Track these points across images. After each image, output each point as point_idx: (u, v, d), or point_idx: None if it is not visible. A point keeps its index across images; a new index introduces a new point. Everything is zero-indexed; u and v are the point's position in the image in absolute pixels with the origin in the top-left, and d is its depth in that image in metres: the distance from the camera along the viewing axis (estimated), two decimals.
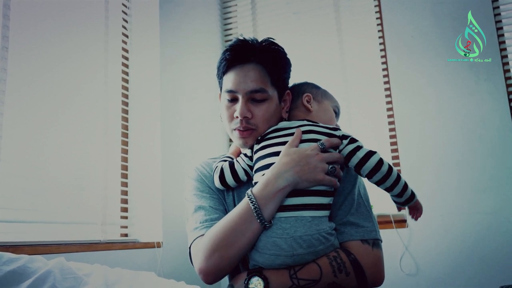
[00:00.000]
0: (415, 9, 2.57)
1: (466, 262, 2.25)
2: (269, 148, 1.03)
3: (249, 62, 1.08)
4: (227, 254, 0.95)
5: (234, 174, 1.08)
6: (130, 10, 2.48)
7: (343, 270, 0.93)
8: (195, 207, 1.11)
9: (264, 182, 0.96)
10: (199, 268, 0.98)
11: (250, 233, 0.94)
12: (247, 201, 0.96)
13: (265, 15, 3.08)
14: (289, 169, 0.95)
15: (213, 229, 0.99)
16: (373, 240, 1.01)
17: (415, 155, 2.44)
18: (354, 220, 1.02)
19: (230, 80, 1.08)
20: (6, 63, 1.63)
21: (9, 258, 0.85)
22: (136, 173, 2.30)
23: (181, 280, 1.41)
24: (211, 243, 0.97)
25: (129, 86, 2.40)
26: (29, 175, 1.77)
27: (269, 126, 1.09)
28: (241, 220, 0.95)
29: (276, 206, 0.94)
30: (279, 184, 0.94)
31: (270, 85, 1.08)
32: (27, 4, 1.82)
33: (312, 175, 0.95)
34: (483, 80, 2.37)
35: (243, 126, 1.07)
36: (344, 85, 2.75)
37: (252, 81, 1.06)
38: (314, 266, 0.93)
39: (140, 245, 2.11)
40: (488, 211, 2.25)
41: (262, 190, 0.95)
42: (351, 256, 0.96)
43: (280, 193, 0.94)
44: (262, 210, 0.93)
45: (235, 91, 1.07)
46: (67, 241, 1.75)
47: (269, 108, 1.08)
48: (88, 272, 0.92)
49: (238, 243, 0.94)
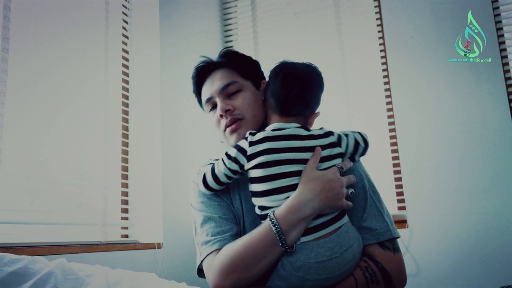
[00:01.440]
0: (415, 9, 2.57)
1: (466, 262, 2.25)
2: (270, 155, 0.98)
3: (214, 70, 1.16)
4: (246, 276, 0.93)
5: (215, 178, 1.05)
6: (130, 11, 2.48)
7: (374, 280, 0.94)
8: (203, 218, 1.07)
9: (288, 208, 0.94)
10: (214, 285, 0.96)
11: (271, 257, 0.93)
12: (269, 224, 0.94)
13: (265, 16, 3.07)
14: (315, 197, 0.94)
15: (232, 248, 0.97)
16: (393, 244, 1.01)
17: (415, 155, 2.44)
18: (366, 225, 1.01)
19: (204, 92, 1.16)
20: (7, 64, 1.63)
21: (11, 259, 0.85)
22: (136, 174, 2.30)
23: (182, 281, 1.41)
24: (230, 262, 0.94)
25: (129, 87, 2.40)
26: (29, 176, 1.77)
27: (254, 113, 1.11)
28: (263, 244, 0.93)
29: (300, 232, 0.93)
30: (304, 212, 0.93)
31: (239, 77, 1.14)
32: (28, 5, 1.82)
33: (335, 202, 0.95)
34: (483, 80, 2.37)
35: (229, 119, 1.09)
36: (344, 85, 2.75)
37: (220, 80, 1.13)
38: (351, 280, 0.94)
39: (141, 246, 2.10)
40: (488, 211, 2.25)
41: (286, 216, 0.93)
42: (379, 265, 0.96)
43: (304, 221, 0.93)
44: (286, 236, 0.92)
45: (210, 97, 1.14)
46: (67, 242, 1.75)
47: (246, 96, 1.12)
48: (89, 273, 0.92)
49: (258, 266, 0.93)
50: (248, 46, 3.08)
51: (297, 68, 1.09)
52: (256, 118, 1.12)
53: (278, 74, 1.08)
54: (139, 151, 2.33)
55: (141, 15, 2.49)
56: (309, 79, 1.07)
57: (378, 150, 2.64)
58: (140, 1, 2.50)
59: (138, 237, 2.21)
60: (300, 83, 1.06)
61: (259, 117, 1.12)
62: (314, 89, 1.08)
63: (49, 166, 1.87)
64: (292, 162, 0.98)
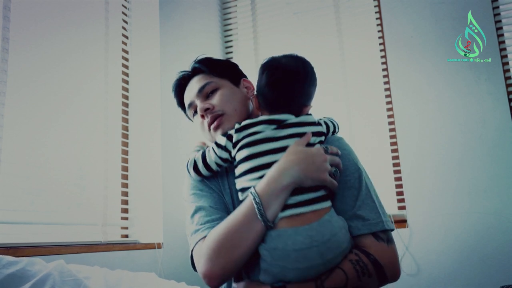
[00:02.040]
0: (415, 9, 2.56)
1: (467, 262, 2.25)
2: (256, 135, 1.00)
3: (191, 78, 1.20)
4: (233, 256, 0.92)
5: (207, 166, 1.08)
6: (130, 11, 2.48)
7: (366, 273, 0.92)
8: (194, 208, 1.08)
9: (268, 178, 0.94)
10: (203, 272, 0.94)
11: (254, 234, 0.92)
12: (251, 200, 0.93)
13: (265, 16, 3.07)
14: (294, 166, 0.93)
15: (216, 230, 0.96)
16: (386, 234, 0.98)
17: (415, 155, 2.44)
18: (359, 213, 0.98)
19: (185, 100, 1.20)
20: (7, 64, 1.63)
21: (9, 261, 0.84)
22: (136, 174, 2.31)
23: (182, 281, 1.42)
24: (215, 245, 0.93)
25: (129, 87, 2.40)
26: (29, 176, 1.78)
27: (234, 107, 1.12)
28: (245, 220, 0.92)
29: (281, 205, 0.92)
30: (283, 181, 0.92)
31: (215, 77, 1.17)
32: (27, 5, 1.82)
33: (317, 174, 0.94)
34: (483, 80, 2.37)
35: (210, 117, 1.11)
36: (344, 85, 2.74)
37: (196, 83, 1.16)
38: (340, 273, 0.91)
39: (141, 246, 2.11)
40: (488, 211, 2.25)
41: (266, 187, 0.92)
42: (371, 257, 0.94)
43: (284, 191, 0.92)
44: (266, 210, 0.91)
45: (190, 102, 1.17)
46: (67, 242, 1.75)
47: (224, 92, 1.14)
48: (88, 275, 0.92)
49: (243, 245, 0.92)
50: (248, 46, 3.08)
51: (282, 64, 1.07)
52: (238, 112, 1.12)
53: (264, 72, 1.08)
54: (139, 151, 2.33)
55: (141, 15, 2.49)
56: (295, 74, 1.05)
57: (378, 150, 2.64)
58: (140, 1, 2.50)
59: (138, 237, 2.22)
60: (285, 80, 1.04)
61: (241, 111, 1.13)
62: (301, 83, 1.06)
63: (49, 166, 1.87)
64: (275, 140, 0.99)
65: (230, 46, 3.13)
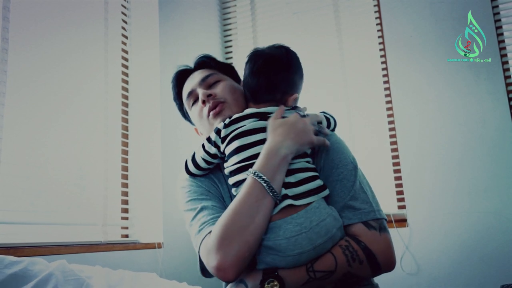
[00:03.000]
0: (415, 9, 2.56)
1: (467, 261, 2.25)
2: (244, 138, 1.01)
3: (192, 72, 1.21)
4: (245, 238, 0.88)
5: (195, 164, 1.10)
6: (130, 11, 2.48)
7: (356, 259, 0.92)
8: (197, 210, 1.05)
9: (265, 156, 0.95)
10: (215, 265, 0.89)
11: (265, 209, 0.91)
12: (253, 179, 0.93)
13: (265, 16, 3.07)
14: (286, 138, 0.96)
15: (221, 219, 0.93)
16: (378, 223, 0.98)
17: (415, 155, 2.44)
18: (351, 203, 0.98)
19: (185, 90, 1.19)
20: (6, 64, 1.63)
21: (11, 261, 0.84)
22: (136, 174, 2.31)
23: (183, 281, 1.42)
24: (223, 232, 0.90)
25: (129, 87, 2.40)
26: (29, 177, 1.77)
27: (235, 97, 1.13)
28: (253, 198, 0.91)
29: (283, 176, 0.94)
30: (281, 153, 0.94)
31: (218, 72, 1.18)
32: (27, 6, 1.82)
33: (306, 138, 0.98)
34: (483, 79, 2.37)
35: (212, 103, 1.10)
36: (344, 85, 2.75)
37: (199, 74, 1.17)
38: (330, 257, 0.92)
39: (141, 246, 2.11)
40: (488, 210, 2.25)
41: (267, 164, 0.93)
42: (361, 244, 0.94)
43: (284, 162, 0.94)
44: (272, 182, 0.91)
45: (191, 90, 1.16)
46: (67, 242, 1.75)
47: (227, 84, 1.15)
48: (90, 274, 0.92)
49: (255, 223, 0.89)
50: (248, 46, 3.08)
51: (265, 53, 1.10)
52: (239, 102, 1.13)
53: (247, 64, 1.11)
54: (139, 151, 2.33)
55: (140, 15, 2.49)
56: (277, 62, 1.08)
57: (378, 149, 2.64)
58: (140, 1, 2.50)
59: (139, 237, 2.22)
60: (267, 67, 1.07)
61: (242, 104, 1.14)
62: (283, 70, 1.08)
63: (49, 166, 1.87)
64: (262, 130, 1.01)
65: (230, 46, 3.13)
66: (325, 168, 1.03)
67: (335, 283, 0.92)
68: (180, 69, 1.25)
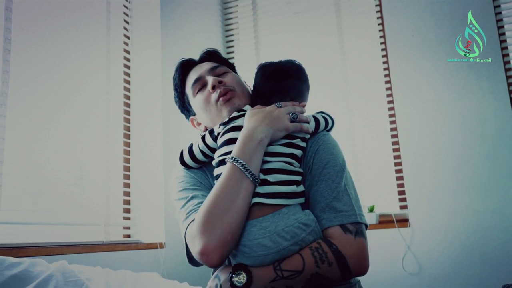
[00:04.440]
0: (416, 9, 2.56)
1: (468, 261, 2.25)
2: (234, 132, 1.04)
3: (199, 63, 1.22)
4: (227, 221, 0.90)
5: (191, 154, 1.12)
6: (131, 11, 2.48)
7: (325, 261, 0.92)
8: (187, 199, 1.07)
9: (242, 142, 0.98)
10: (199, 250, 0.91)
11: (245, 192, 0.93)
12: (231, 164, 0.95)
13: (266, 15, 3.07)
14: (261, 123, 0.99)
15: (203, 205, 0.95)
16: (356, 227, 0.98)
17: (416, 154, 2.44)
18: (334, 204, 0.99)
19: (191, 77, 1.19)
20: (8, 65, 1.63)
21: (11, 263, 0.85)
22: (138, 174, 2.31)
23: (184, 281, 1.42)
24: (205, 216, 0.92)
25: (130, 87, 2.40)
26: (31, 177, 1.78)
27: (243, 89, 1.15)
28: (232, 182, 0.94)
29: (260, 160, 0.97)
30: (256, 137, 0.97)
31: (225, 66, 1.20)
32: (29, 6, 1.82)
33: (281, 124, 1.01)
34: (484, 79, 2.36)
35: (223, 89, 1.11)
36: (345, 84, 2.74)
37: (208, 64, 1.19)
38: (298, 257, 0.93)
39: (143, 246, 2.11)
40: (489, 210, 2.25)
41: (243, 149, 0.96)
42: (332, 247, 0.94)
43: (260, 146, 0.97)
44: (250, 166, 0.94)
45: (199, 77, 1.17)
46: (70, 242, 1.76)
47: (236, 76, 1.18)
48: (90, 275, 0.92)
49: (235, 206, 0.92)
50: (249, 45, 3.08)
51: (276, 63, 1.16)
52: (246, 95, 1.16)
53: (259, 70, 1.16)
54: (140, 151, 2.34)
55: (142, 15, 2.49)
56: (288, 72, 1.13)
57: (380, 149, 2.64)
58: (141, 1, 2.50)
59: (140, 237, 2.22)
60: (277, 76, 1.13)
61: (248, 97, 1.17)
62: (292, 80, 1.13)
63: (51, 166, 1.88)
64: None
65: (231, 46, 3.13)
66: (314, 167, 1.03)
67: (304, 283, 0.93)
68: (185, 59, 1.26)
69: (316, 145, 1.05)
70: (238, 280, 0.92)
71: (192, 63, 1.24)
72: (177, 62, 1.26)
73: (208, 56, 1.24)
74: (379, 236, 2.36)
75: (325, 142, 1.06)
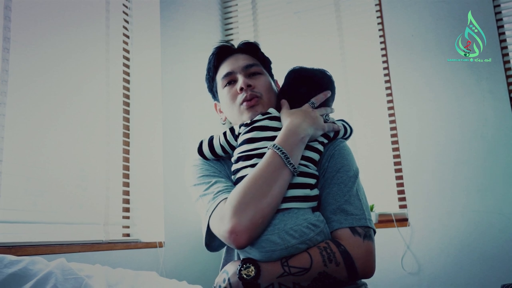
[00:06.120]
0: (416, 9, 2.56)
1: (468, 260, 2.25)
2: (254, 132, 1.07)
3: (235, 53, 1.21)
4: (261, 206, 0.92)
5: (211, 147, 1.13)
6: (131, 11, 2.48)
7: (333, 260, 0.94)
8: (211, 183, 1.07)
9: (286, 134, 1.01)
10: (229, 228, 0.91)
11: (282, 181, 0.95)
12: (273, 152, 0.98)
13: (266, 15, 3.08)
14: (303, 122, 1.03)
15: (239, 185, 0.97)
16: (365, 230, 1.00)
17: (416, 153, 2.44)
18: (345, 207, 1.01)
19: (224, 68, 1.19)
20: (8, 64, 1.63)
21: (10, 261, 0.85)
22: (138, 173, 2.31)
23: (183, 280, 1.42)
24: (243, 196, 0.93)
25: (130, 87, 2.40)
26: (31, 176, 1.78)
27: (270, 97, 1.16)
28: (272, 168, 0.96)
29: (299, 155, 1.00)
30: (300, 134, 1.01)
31: (260, 65, 1.20)
32: (28, 5, 1.82)
33: (319, 124, 1.06)
34: (484, 79, 2.36)
35: (249, 94, 1.12)
36: (345, 84, 2.75)
37: (244, 59, 1.18)
38: (305, 255, 0.95)
39: (142, 245, 2.11)
40: (489, 209, 2.25)
41: (287, 141, 0.99)
42: (341, 247, 0.96)
43: (302, 142, 1.01)
44: (290, 157, 0.97)
45: (231, 71, 1.17)
46: (69, 241, 1.76)
47: (267, 80, 1.18)
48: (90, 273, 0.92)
49: (272, 192, 0.94)
50: None
51: (308, 70, 1.19)
52: (271, 102, 1.17)
53: (291, 75, 1.19)
54: (140, 151, 2.34)
55: (141, 15, 2.49)
56: (318, 81, 1.16)
57: (379, 149, 2.64)
58: (141, 1, 2.50)
59: (140, 236, 2.22)
60: (308, 83, 1.15)
61: (274, 102, 1.18)
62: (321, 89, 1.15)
63: (51, 166, 1.88)
64: (272, 129, 1.08)
65: None
66: (328, 170, 1.06)
67: (311, 281, 0.94)
68: (224, 43, 1.24)
69: (332, 150, 1.09)
70: (246, 273, 0.94)
71: (230, 50, 1.23)
72: (216, 45, 1.25)
73: (246, 48, 1.23)
74: (379, 235, 2.33)
75: (341, 148, 1.10)
